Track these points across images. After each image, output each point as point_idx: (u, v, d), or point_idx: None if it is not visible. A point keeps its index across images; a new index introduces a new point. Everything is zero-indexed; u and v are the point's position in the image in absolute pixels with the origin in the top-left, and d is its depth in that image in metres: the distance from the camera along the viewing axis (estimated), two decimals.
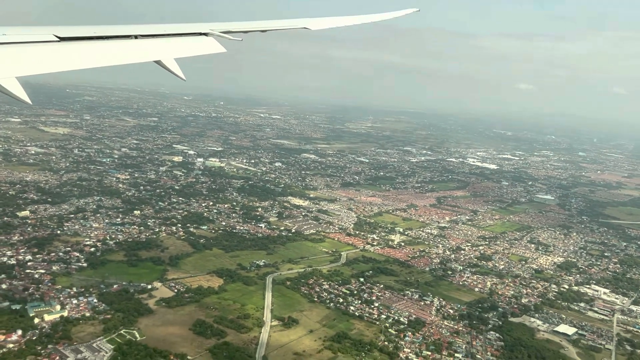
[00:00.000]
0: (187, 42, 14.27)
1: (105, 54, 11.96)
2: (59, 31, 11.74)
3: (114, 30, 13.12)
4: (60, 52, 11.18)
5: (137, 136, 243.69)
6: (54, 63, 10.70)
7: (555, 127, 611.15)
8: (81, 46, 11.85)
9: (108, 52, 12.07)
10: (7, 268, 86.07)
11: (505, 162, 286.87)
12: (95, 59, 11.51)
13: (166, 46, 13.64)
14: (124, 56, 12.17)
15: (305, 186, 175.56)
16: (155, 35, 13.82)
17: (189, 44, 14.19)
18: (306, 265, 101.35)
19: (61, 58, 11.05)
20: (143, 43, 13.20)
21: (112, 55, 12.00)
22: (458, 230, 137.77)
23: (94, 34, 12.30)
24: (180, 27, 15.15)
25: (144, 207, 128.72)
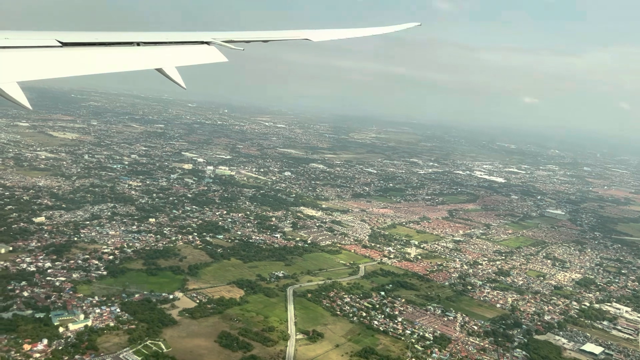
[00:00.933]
0: (189, 51, 14.22)
1: (107, 60, 11.92)
2: (62, 36, 11.65)
3: (116, 36, 13.10)
4: (62, 58, 11.09)
5: (145, 143, 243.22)
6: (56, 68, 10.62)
7: (559, 140, 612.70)
8: (83, 52, 11.79)
9: (110, 59, 12.04)
10: (27, 275, 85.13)
11: (512, 176, 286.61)
12: (97, 65, 11.44)
13: (168, 54, 13.59)
14: (125, 63, 12.15)
15: (316, 196, 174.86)
16: (158, 43, 13.77)
17: (191, 53, 14.14)
18: (325, 278, 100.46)
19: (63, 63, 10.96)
20: (145, 50, 13.13)
21: (114, 62, 11.99)
22: (473, 245, 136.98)
23: (96, 40, 12.26)
24: (183, 35, 15.13)
25: (159, 215, 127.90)
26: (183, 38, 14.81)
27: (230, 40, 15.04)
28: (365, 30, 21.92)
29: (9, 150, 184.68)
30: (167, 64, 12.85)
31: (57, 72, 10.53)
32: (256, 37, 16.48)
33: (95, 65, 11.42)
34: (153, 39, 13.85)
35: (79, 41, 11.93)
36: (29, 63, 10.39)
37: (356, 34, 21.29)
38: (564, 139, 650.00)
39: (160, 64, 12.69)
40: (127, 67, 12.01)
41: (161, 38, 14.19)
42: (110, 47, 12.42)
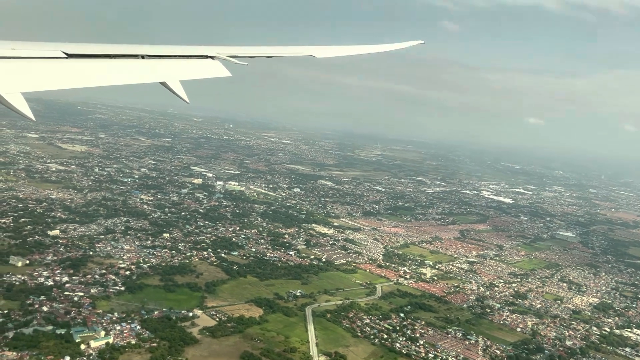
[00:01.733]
0: (193, 65, 14.23)
1: (111, 72, 11.96)
2: (67, 48, 11.61)
3: (121, 49, 13.02)
4: (67, 69, 11.10)
5: (153, 156, 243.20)
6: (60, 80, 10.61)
7: (562, 162, 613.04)
8: (88, 64, 11.80)
9: (114, 71, 12.07)
10: (45, 289, 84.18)
11: (519, 196, 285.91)
12: (101, 78, 11.52)
13: (172, 68, 13.58)
14: (130, 76, 12.18)
15: (327, 214, 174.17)
16: (162, 56, 13.76)
17: (195, 67, 14.15)
18: (343, 297, 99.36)
19: (68, 75, 10.97)
20: (149, 63, 13.10)
21: (118, 74, 12.04)
22: (487, 266, 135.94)
23: (100, 52, 12.26)
24: (187, 49, 15.06)
25: (172, 230, 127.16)
26: (187, 52, 14.76)
27: (234, 55, 14.99)
28: (369, 48, 22.03)
29: (19, 161, 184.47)
30: (171, 77, 12.81)
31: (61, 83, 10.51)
32: (260, 52, 16.47)
33: (100, 78, 11.50)
34: (157, 52, 13.80)
35: (84, 53, 11.92)
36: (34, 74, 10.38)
37: (360, 50, 21.35)
38: (567, 160, 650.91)
39: (164, 77, 12.67)
40: (132, 80, 12.04)
41: (165, 51, 14.15)
42: (114, 59, 12.38)
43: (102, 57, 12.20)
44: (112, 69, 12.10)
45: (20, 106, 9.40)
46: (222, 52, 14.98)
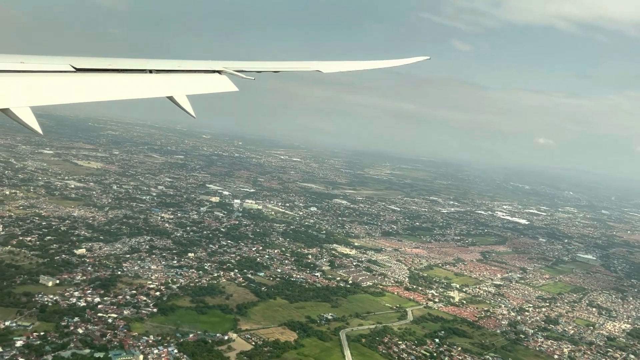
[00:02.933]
0: (200, 79, 14.19)
1: (119, 87, 11.90)
2: (76, 62, 11.61)
3: (129, 63, 13.05)
4: (75, 83, 11.09)
5: (168, 174, 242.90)
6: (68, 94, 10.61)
7: (571, 182, 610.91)
8: (96, 78, 11.74)
9: (122, 86, 12.02)
10: (78, 310, 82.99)
11: (534, 217, 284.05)
12: (109, 92, 11.44)
13: (179, 82, 13.51)
14: (138, 90, 12.13)
15: (346, 234, 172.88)
16: (169, 71, 13.75)
17: (202, 81, 14.11)
18: (375, 321, 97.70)
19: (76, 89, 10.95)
20: (157, 78, 13.10)
21: (126, 88, 11.97)
22: (514, 289, 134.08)
23: (109, 66, 12.20)
24: (194, 63, 14.99)
25: (196, 250, 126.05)
26: (194, 66, 14.67)
27: (241, 70, 14.93)
28: (375, 63, 21.90)
29: (38, 178, 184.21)
30: (178, 92, 12.70)
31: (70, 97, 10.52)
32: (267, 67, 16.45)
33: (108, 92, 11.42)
34: (165, 66, 13.78)
35: (92, 67, 11.86)
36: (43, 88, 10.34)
37: (366, 66, 21.34)
38: (576, 181, 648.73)
39: (172, 92, 12.55)
40: (139, 94, 11.98)
41: (173, 66, 14.11)
42: (122, 73, 12.34)
43: (110, 72, 12.13)
44: (120, 83, 12.07)
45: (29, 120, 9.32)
46: (229, 66, 14.92)
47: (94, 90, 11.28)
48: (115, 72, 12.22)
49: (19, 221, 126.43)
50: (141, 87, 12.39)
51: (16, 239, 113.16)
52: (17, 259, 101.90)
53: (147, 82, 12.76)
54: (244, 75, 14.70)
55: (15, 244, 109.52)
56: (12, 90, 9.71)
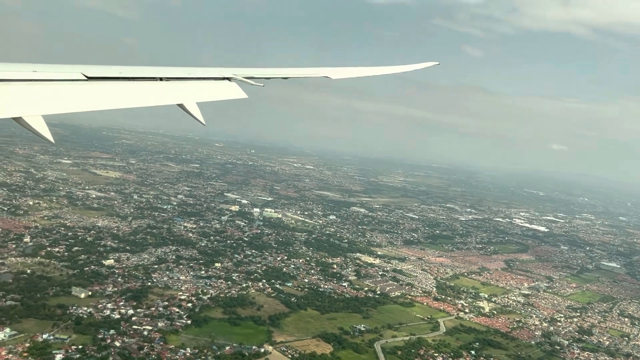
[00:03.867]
0: (210, 86, 14.28)
1: (130, 95, 11.95)
2: (87, 70, 11.69)
3: (139, 71, 13.14)
4: (87, 92, 11.17)
5: (186, 182, 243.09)
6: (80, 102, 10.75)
7: (585, 188, 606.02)
8: (108, 86, 11.82)
9: (133, 93, 12.07)
10: (113, 323, 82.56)
11: (553, 225, 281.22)
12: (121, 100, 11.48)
13: (190, 90, 13.59)
14: (148, 98, 12.16)
15: (368, 242, 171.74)
16: (179, 78, 13.82)
17: (212, 89, 14.20)
18: (408, 333, 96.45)
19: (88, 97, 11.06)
20: (167, 85, 13.19)
21: (137, 96, 12.00)
22: (543, 299, 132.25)
23: (120, 74, 12.28)
24: (204, 70, 15.13)
25: (222, 260, 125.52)
26: (204, 74, 14.77)
27: (250, 77, 15.00)
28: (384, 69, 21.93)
29: (59, 188, 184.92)
30: (188, 99, 12.75)
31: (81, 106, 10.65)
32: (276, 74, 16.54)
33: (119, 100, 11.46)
34: (175, 74, 13.84)
35: (103, 75, 11.95)
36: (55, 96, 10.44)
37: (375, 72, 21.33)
38: (590, 187, 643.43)
39: (182, 99, 12.59)
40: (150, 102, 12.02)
41: (183, 73, 14.19)
42: (133, 81, 12.43)
43: (121, 80, 12.21)
44: (131, 91, 12.14)
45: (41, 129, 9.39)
46: (239, 73, 14.97)
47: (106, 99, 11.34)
48: (126, 80, 12.29)
49: (45, 232, 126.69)
50: (152, 94, 12.47)
51: (44, 249, 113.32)
52: (48, 270, 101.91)
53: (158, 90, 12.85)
54: (253, 82, 14.72)
55: (44, 255, 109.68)
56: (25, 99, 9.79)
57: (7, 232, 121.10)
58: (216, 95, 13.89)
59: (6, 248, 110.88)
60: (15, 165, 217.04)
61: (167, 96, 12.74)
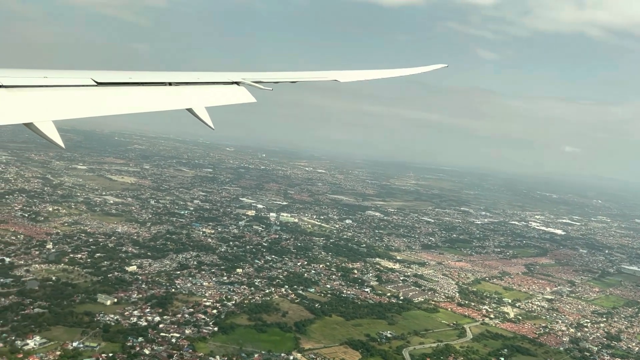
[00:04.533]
0: (218, 91, 14.28)
1: (140, 100, 12.03)
2: (97, 75, 11.74)
3: (148, 76, 13.15)
4: (97, 97, 11.25)
5: (200, 187, 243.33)
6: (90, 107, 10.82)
7: (597, 190, 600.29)
8: (117, 91, 11.86)
9: (143, 99, 12.15)
10: (141, 330, 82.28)
11: (569, 227, 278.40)
12: (130, 105, 11.53)
13: (199, 94, 13.65)
14: (158, 103, 12.26)
15: (387, 247, 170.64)
16: (188, 83, 13.84)
17: (221, 93, 14.20)
18: (435, 339, 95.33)
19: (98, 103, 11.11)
20: (176, 90, 13.21)
21: (146, 101, 12.09)
22: (567, 304, 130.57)
23: (129, 80, 12.33)
24: (213, 75, 15.14)
25: (243, 265, 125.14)
26: (213, 78, 14.83)
27: (259, 81, 15.07)
28: (392, 72, 21.89)
29: (77, 194, 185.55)
30: (197, 104, 12.80)
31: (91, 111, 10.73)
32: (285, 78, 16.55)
33: (129, 105, 11.51)
34: (184, 79, 13.91)
35: (113, 81, 11.99)
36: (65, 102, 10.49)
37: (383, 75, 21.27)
38: (602, 189, 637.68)
39: (191, 104, 12.65)
40: (160, 107, 12.14)
41: (192, 78, 14.25)
42: (143, 86, 12.46)
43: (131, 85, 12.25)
44: (140, 96, 12.21)
45: (51, 134, 9.45)
46: (247, 77, 15.02)
47: (116, 104, 11.38)
48: (136, 85, 12.34)
49: (66, 238, 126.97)
50: (161, 99, 12.56)
51: (67, 256, 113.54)
52: (72, 277, 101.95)
53: (167, 95, 12.90)
54: (261, 86, 14.77)
55: (67, 262, 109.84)
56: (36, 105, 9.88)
57: (29, 239, 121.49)
58: (225, 100, 13.91)
59: (30, 255, 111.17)
60: (32, 171, 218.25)
61: (176, 101, 12.79)
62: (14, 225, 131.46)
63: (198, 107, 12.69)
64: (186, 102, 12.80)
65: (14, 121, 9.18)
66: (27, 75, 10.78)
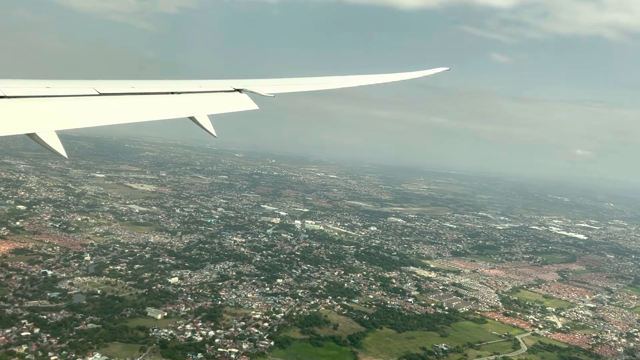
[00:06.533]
0: (221, 99, 14.38)
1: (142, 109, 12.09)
2: (100, 85, 11.81)
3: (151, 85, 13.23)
4: (99, 107, 11.32)
5: (220, 195, 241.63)
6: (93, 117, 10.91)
7: (607, 194, 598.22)
8: (120, 101, 11.94)
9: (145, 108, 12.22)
10: (198, 345, 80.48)
11: (589, 232, 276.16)
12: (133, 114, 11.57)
13: (201, 102, 13.76)
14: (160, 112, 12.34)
15: (417, 255, 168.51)
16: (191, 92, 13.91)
17: (223, 101, 14.30)
18: (492, 352, 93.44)
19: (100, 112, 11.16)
20: (178, 99, 13.28)
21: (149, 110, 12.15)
22: (611, 312, 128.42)
23: (132, 89, 12.43)
24: (214, 83, 15.23)
25: (282, 275, 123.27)
26: (215, 86, 14.91)
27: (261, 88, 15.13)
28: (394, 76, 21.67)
29: (101, 203, 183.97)
30: (200, 112, 12.82)
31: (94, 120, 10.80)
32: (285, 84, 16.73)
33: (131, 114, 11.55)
34: (186, 87, 14.01)
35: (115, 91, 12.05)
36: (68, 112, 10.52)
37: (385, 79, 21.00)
38: (613, 192, 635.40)
39: (193, 112, 12.67)
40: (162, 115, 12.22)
41: (194, 86, 14.37)
42: (145, 95, 12.54)
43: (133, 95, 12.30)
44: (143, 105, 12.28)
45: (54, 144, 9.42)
46: (249, 85, 15.16)
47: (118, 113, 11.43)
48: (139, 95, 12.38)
49: (102, 249, 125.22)
50: (163, 108, 12.68)
51: (107, 268, 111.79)
52: (117, 289, 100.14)
53: (170, 103, 13.03)
54: (264, 93, 14.80)
55: (108, 274, 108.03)
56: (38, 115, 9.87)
57: (66, 250, 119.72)
58: (227, 107, 14.00)
59: (70, 267, 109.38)
60: (53, 180, 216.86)
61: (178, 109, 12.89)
62: (48, 236, 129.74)
63: (200, 115, 12.71)
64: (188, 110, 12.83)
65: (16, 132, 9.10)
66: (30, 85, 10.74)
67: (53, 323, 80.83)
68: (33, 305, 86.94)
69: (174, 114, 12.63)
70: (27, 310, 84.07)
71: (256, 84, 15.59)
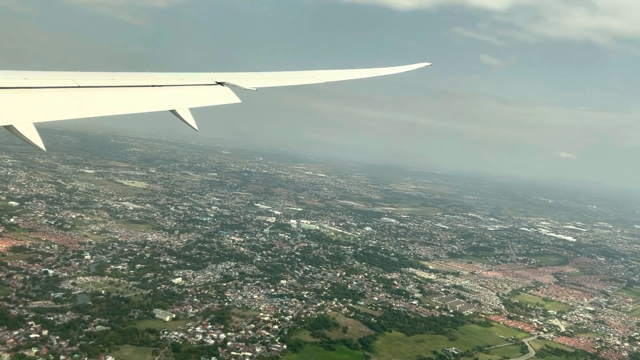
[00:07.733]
0: (202, 92, 14.15)
1: (122, 102, 11.84)
2: (79, 77, 11.57)
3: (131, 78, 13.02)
4: (78, 99, 11.07)
5: (212, 193, 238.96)
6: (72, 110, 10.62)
7: (590, 195, 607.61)
8: (99, 94, 11.73)
9: (125, 101, 11.97)
10: (210, 349, 78.92)
11: (577, 234, 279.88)
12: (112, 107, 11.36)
13: (182, 95, 13.53)
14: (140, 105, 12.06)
15: (415, 256, 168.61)
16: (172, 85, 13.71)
17: (205, 94, 14.07)
18: (501, 356, 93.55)
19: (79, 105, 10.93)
20: (159, 92, 13.07)
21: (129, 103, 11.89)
22: (610, 315, 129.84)
23: (112, 81, 12.21)
24: (196, 76, 15.03)
25: (285, 276, 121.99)
26: (196, 79, 14.71)
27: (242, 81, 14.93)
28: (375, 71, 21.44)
29: (94, 200, 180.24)
30: (181, 105, 12.59)
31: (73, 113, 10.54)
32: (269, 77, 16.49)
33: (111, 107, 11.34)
34: (167, 80, 13.79)
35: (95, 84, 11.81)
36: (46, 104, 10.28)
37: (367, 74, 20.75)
38: (595, 194, 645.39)
39: (174, 105, 12.47)
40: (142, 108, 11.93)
41: (175, 79, 14.15)
42: (125, 88, 12.34)
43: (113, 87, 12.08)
44: (123, 98, 12.03)
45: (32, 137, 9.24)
46: (231, 78, 14.94)
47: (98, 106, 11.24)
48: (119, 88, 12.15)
49: (101, 248, 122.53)
50: (144, 101, 12.40)
51: (108, 267, 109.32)
52: (121, 290, 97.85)
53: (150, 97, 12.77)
54: (246, 87, 14.60)
55: (110, 273, 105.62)
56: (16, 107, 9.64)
57: (64, 249, 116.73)
58: (209, 101, 13.76)
59: (71, 266, 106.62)
60: (42, 175, 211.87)
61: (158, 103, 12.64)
62: (44, 233, 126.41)
63: (181, 109, 12.46)
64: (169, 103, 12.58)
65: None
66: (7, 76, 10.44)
67: (61, 325, 78.39)
68: (38, 305, 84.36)
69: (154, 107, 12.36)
70: (33, 311, 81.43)
71: (239, 77, 15.34)
